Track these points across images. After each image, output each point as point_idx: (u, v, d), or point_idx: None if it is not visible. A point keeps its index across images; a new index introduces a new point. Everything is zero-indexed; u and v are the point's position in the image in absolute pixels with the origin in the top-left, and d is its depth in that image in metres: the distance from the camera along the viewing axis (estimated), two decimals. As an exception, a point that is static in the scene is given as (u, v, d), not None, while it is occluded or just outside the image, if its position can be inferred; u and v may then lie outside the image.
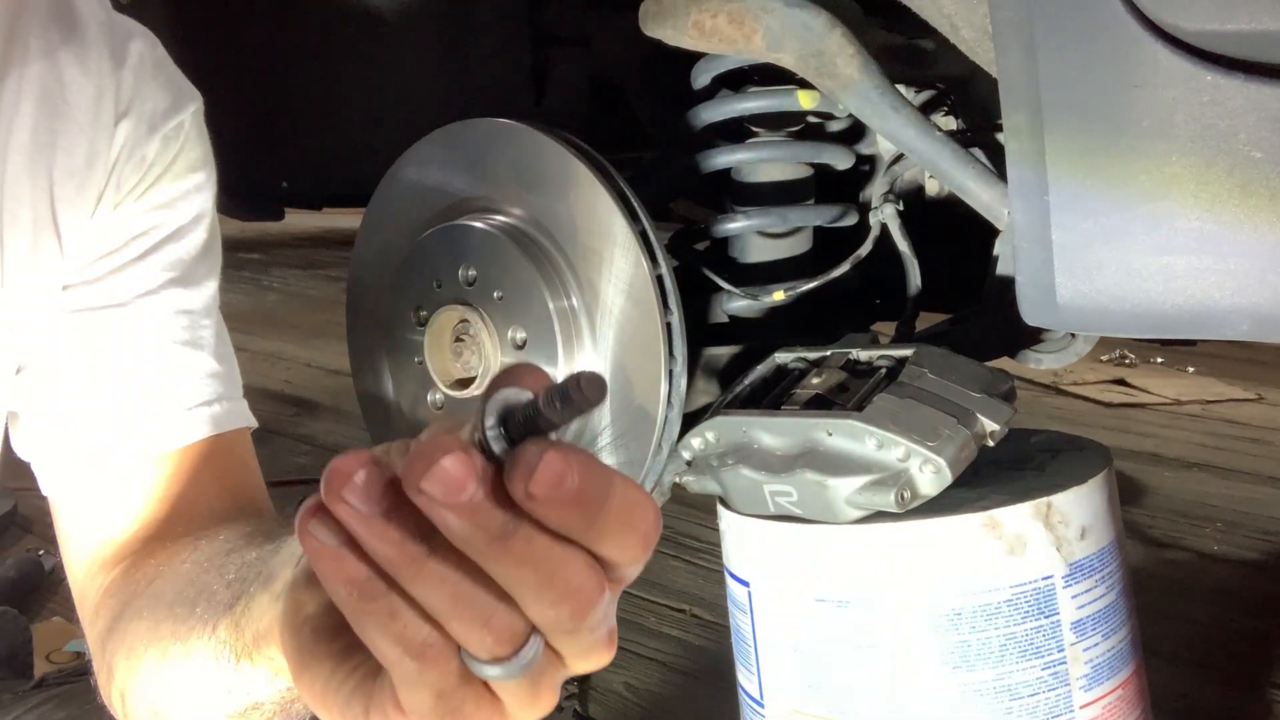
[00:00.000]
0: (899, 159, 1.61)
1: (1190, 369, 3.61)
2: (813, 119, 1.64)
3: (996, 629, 1.10)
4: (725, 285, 1.61)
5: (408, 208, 1.65)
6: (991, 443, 1.16)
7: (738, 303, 1.63)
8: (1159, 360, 3.67)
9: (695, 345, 1.59)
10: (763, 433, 1.20)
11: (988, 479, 1.17)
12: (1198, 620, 1.77)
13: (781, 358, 1.37)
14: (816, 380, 1.26)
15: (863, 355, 1.31)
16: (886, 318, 1.73)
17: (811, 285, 1.57)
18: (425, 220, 1.62)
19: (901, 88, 1.45)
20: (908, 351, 1.25)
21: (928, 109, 1.63)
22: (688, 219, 1.82)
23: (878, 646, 1.13)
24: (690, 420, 1.51)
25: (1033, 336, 1.53)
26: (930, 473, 1.10)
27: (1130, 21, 0.95)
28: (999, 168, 1.36)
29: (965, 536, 1.11)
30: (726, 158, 1.63)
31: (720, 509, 1.26)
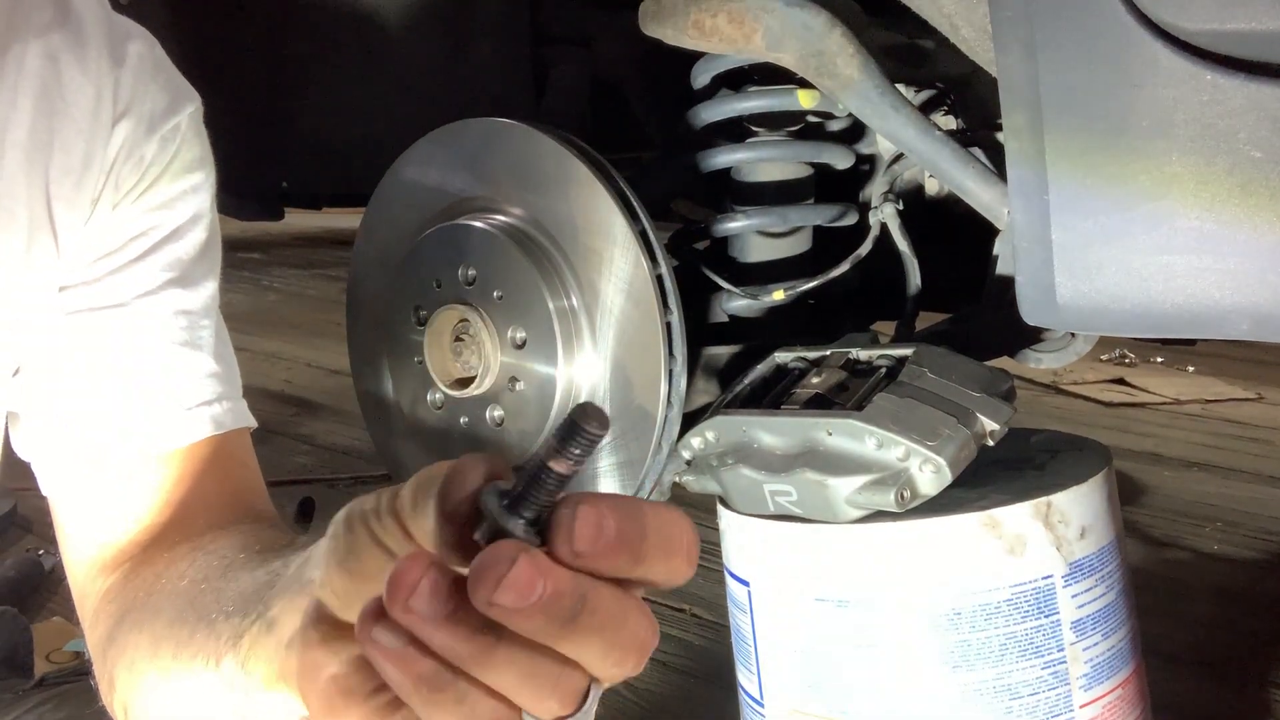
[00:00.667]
0: (899, 159, 1.61)
1: (1190, 369, 3.61)
2: (812, 119, 1.64)
3: (996, 628, 1.10)
4: (725, 285, 1.61)
5: (408, 207, 1.65)
6: (991, 442, 1.16)
7: (738, 302, 1.63)
8: (1159, 360, 3.67)
9: (695, 345, 1.59)
10: (763, 432, 1.20)
11: (988, 479, 1.17)
12: (1198, 620, 1.77)
13: (781, 357, 1.37)
14: (816, 380, 1.26)
15: (863, 355, 1.31)
16: (886, 318, 1.72)
17: (811, 285, 1.57)
18: (425, 220, 1.62)
19: (901, 88, 1.45)
20: (908, 351, 1.25)
21: (928, 109, 1.63)
22: (688, 219, 1.82)
23: (878, 646, 1.13)
24: (690, 420, 1.51)
25: (1033, 336, 1.53)
26: (930, 472, 1.10)
27: (1130, 21, 0.95)
28: (999, 168, 1.36)
29: (965, 536, 1.11)
30: (726, 157, 1.63)
31: (720, 509, 1.26)
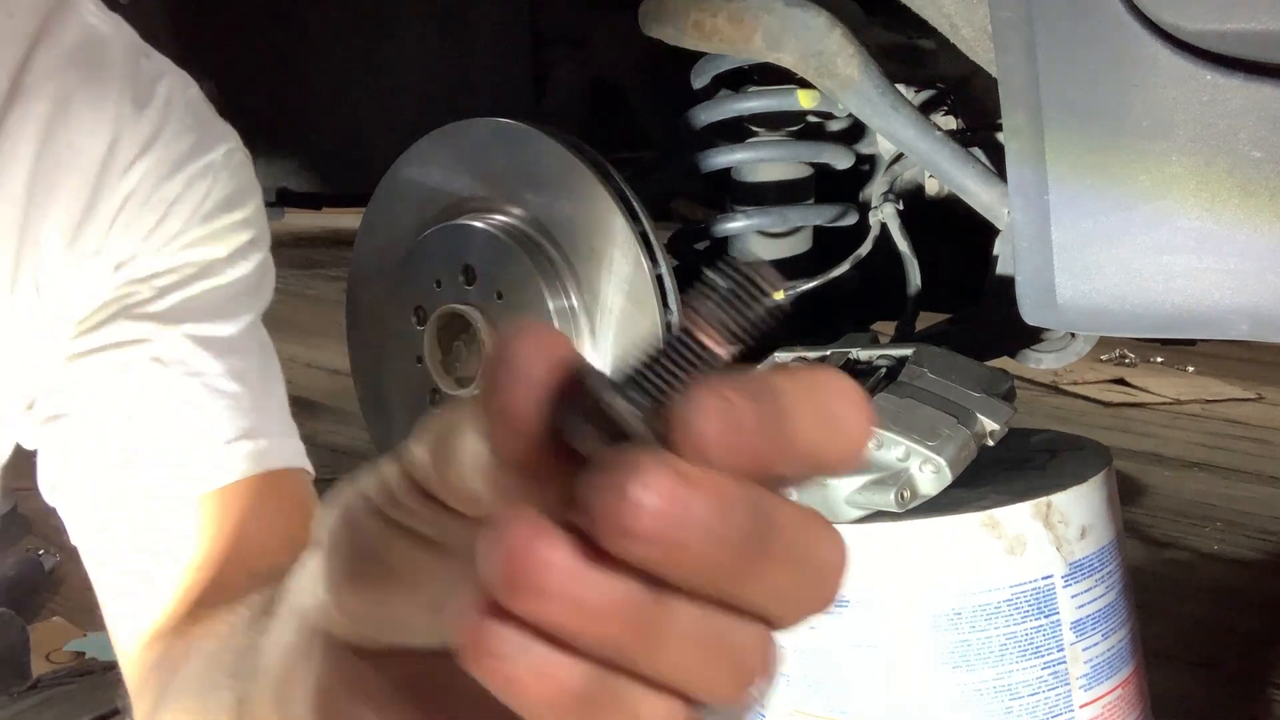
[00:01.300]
0: (899, 159, 1.62)
1: (1190, 369, 3.61)
2: (812, 119, 1.64)
3: (996, 628, 1.10)
4: (725, 285, 1.61)
5: (408, 207, 1.65)
6: (991, 442, 1.16)
7: (738, 302, 1.63)
8: (1159, 360, 3.67)
9: (695, 345, 1.58)
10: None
11: (988, 479, 1.17)
12: (1198, 620, 1.77)
13: (781, 357, 1.36)
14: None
15: (863, 355, 1.31)
16: (886, 318, 1.73)
17: (811, 285, 1.57)
18: (425, 220, 1.62)
19: (901, 88, 1.46)
20: (908, 351, 1.25)
21: (928, 109, 1.63)
22: (688, 219, 1.82)
23: (878, 646, 1.13)
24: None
25: (1033, 336, 1.53)
26: (930, 472, 1.10)
27: (1130, 21, 0.95)
28: (999, 168, 1.36)
29: (965, 536, 1.11)
30: (726, 158, 1.63)
31: (720, 509, 1.26)
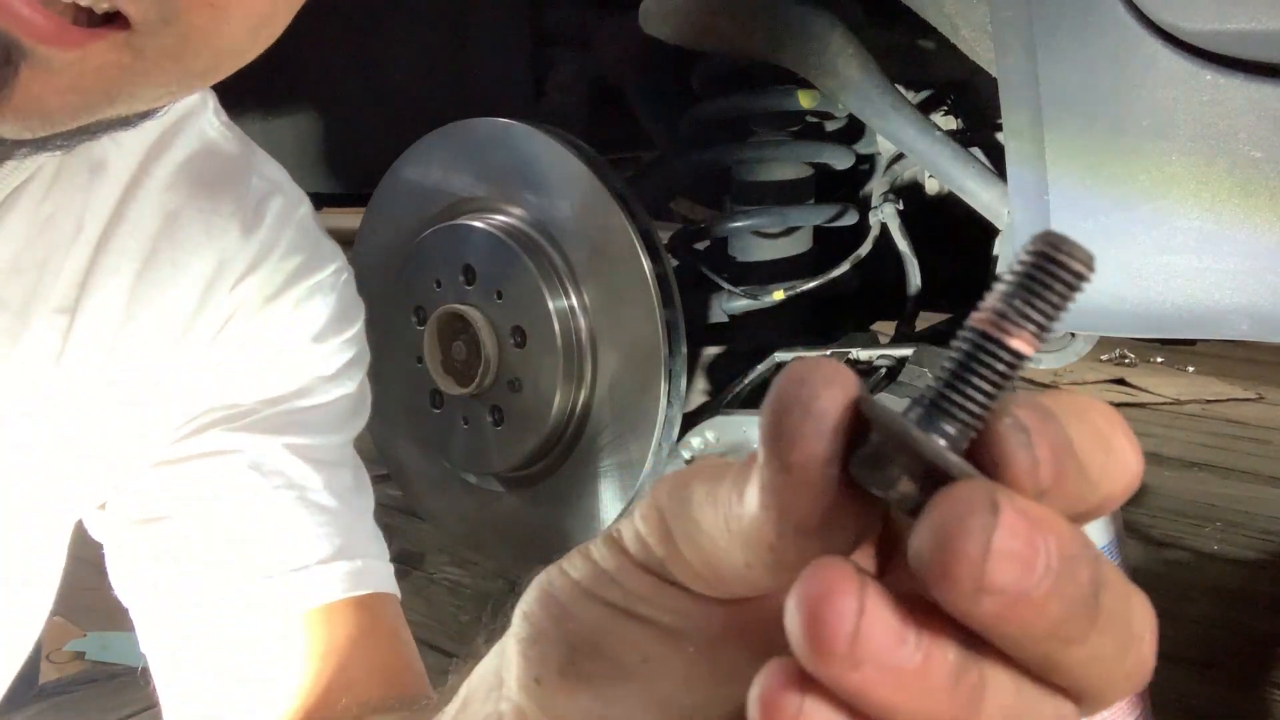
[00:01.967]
0: (899, 159, 1.62)
1: (1190, 369, 3.61)
2: (812, 119, 1.64)
3: (996, 629, 1.10)
4: (725, 285, 1.61)
5: (408, 207, 1.65)
6: (991, 442, 1.16)
7: (737, 302, 1.63)
8: (1159, 360, 3.67)
9: (695, 345, 1.59)
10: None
11: (987, 479, 1.17)
12: (1198, 620, 1.77)
13: (781, 357, 1.37)
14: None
15: (863, 355, 1.31)
16: (886, 318, 1.73)
17: (811, 285, 1.57)
18: (425, 220, 1.62)
19: (901, 88, 1.46)
20: (907, 351, 1.25)
21: (928, 109, 1.63)
22: (688, 219, 1.82)
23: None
24: (690, 420, 1.51)
25: (1033, 336, 1.53)
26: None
27: (1130, 21, 0.95)
28: (999, 168, 1.36)
29: (965, 536, 1.11)
30: (726, 157, 1.63)
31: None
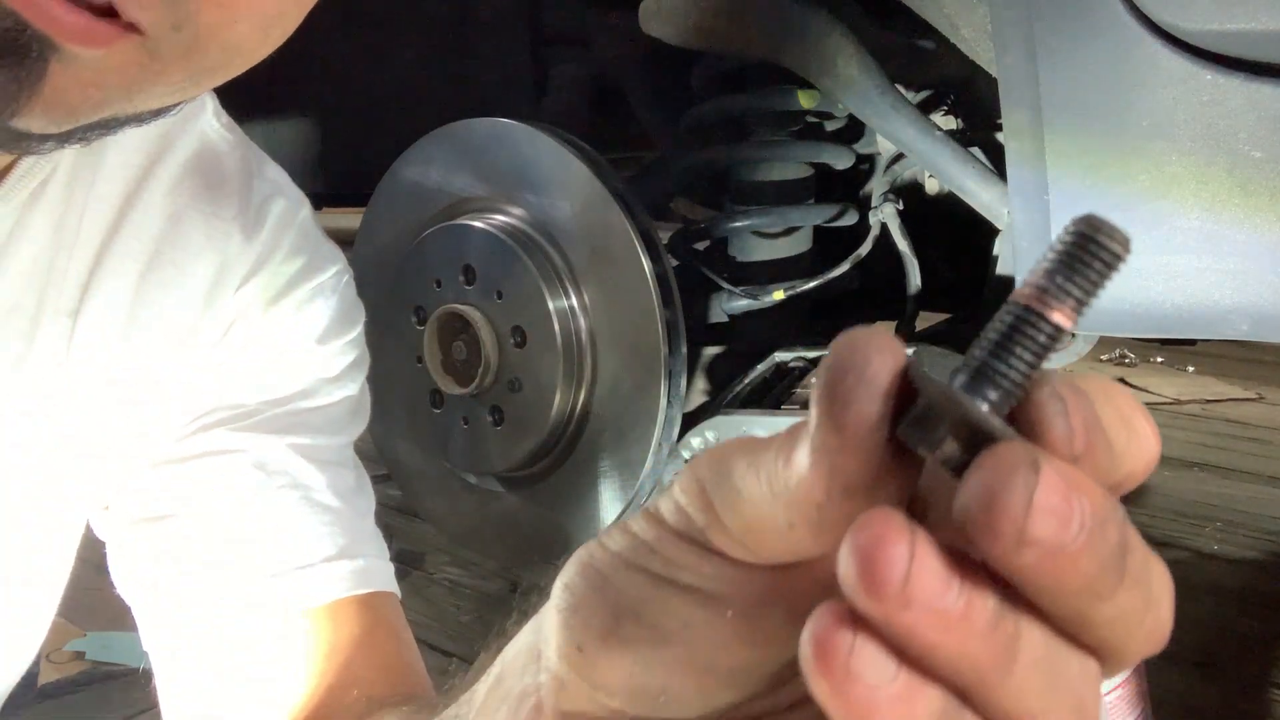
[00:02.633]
0: (899, 158, 1.62)
1: (1190, 369, 3.61)
2: (812, 119, 1.64)
3: (996, 629, 1.10)
4: (725, 285, 1.61)
5: (408, 207, 1.65)
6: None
7: (737, 302, 1.63)
8: (1159, 360, 3.66)
9: (695, 345, 1.59)
10: (763, 432, 1.20)
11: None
12: (1198, 620, 1.77)
13: (781, 357, 1.37)
14: (816, 379, 1.26)
15: (863, 355, 1.31)
16: (886, 318, 1.73)
17: (811, 285, 1.57)
18: (425, 220, 1.62)
19: (901, 88, 1.46)
20: (908, 351, 1.25)
21: (928, 109, 1.63)
22: (688, 219, 1.82)
23: (877, 646, 1.13)
24: (690, 420, 1.51)
25: (1032, 336, 1.53)
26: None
27: (1130, 21, 0.95)
28: (999, 168, 1.36)
29: (965, 536, 1.11)
30: (726, 157, 1.63)
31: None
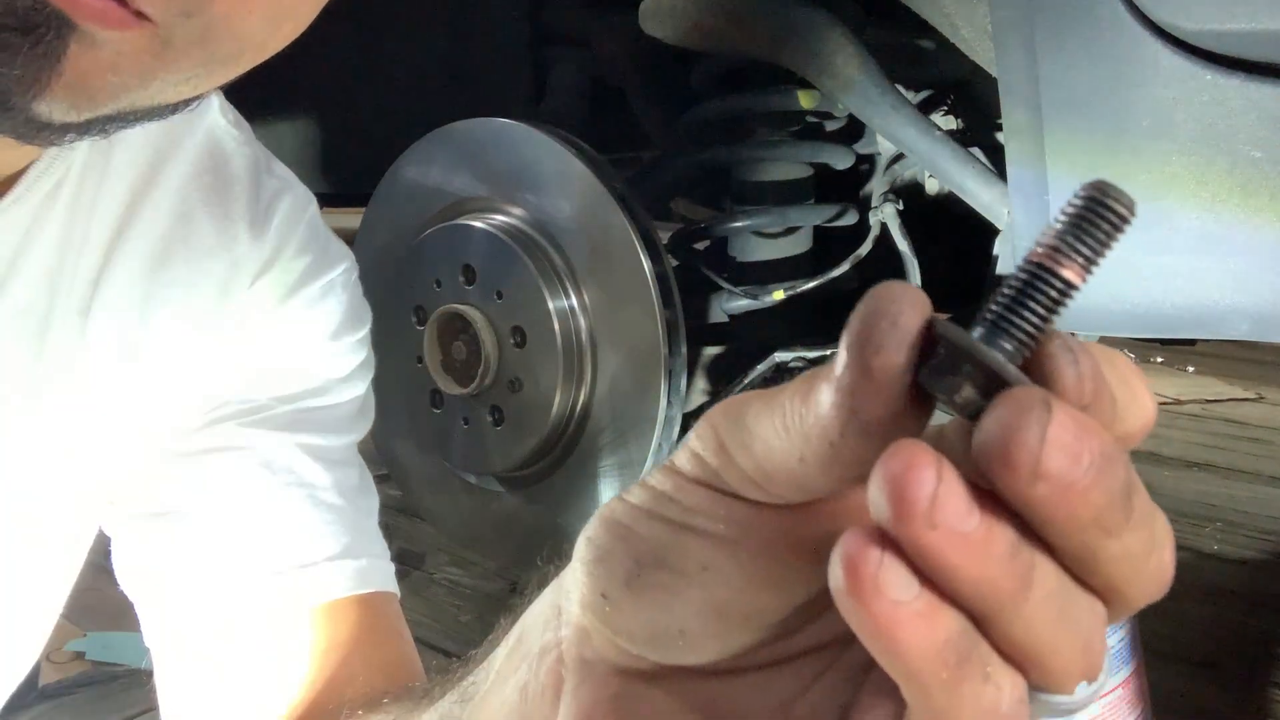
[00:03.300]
0: (899, 158, 1.62)
1: (1190, 369, 3.61)
2: (812, 119, 1.64)
3: (996, 629, 1.10)
4: (725, 285, 1.61)
5: (408, 207, 1.65)
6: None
7: (737, 302, 1.63)
8: (1159, 360, 3.66)
9: (694, 344, 1.59)
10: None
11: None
12: (1198, 620, 1.77)
13: (781, 357, 1.37)
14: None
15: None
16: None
17: (811, 285, 1.57)
18: (425, 220, 1.62)
19: (901, 88, 1.46)
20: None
21: (928, 109, 1.63)
22: (688, 219, 1.82)
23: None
24: (690, 420, 1.51)
25: (1032, 336, 1.53)
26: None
27: (1130, 21, 0.95)
28: (999, 168, 1.36)
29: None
30: (726, 157, 1.63)
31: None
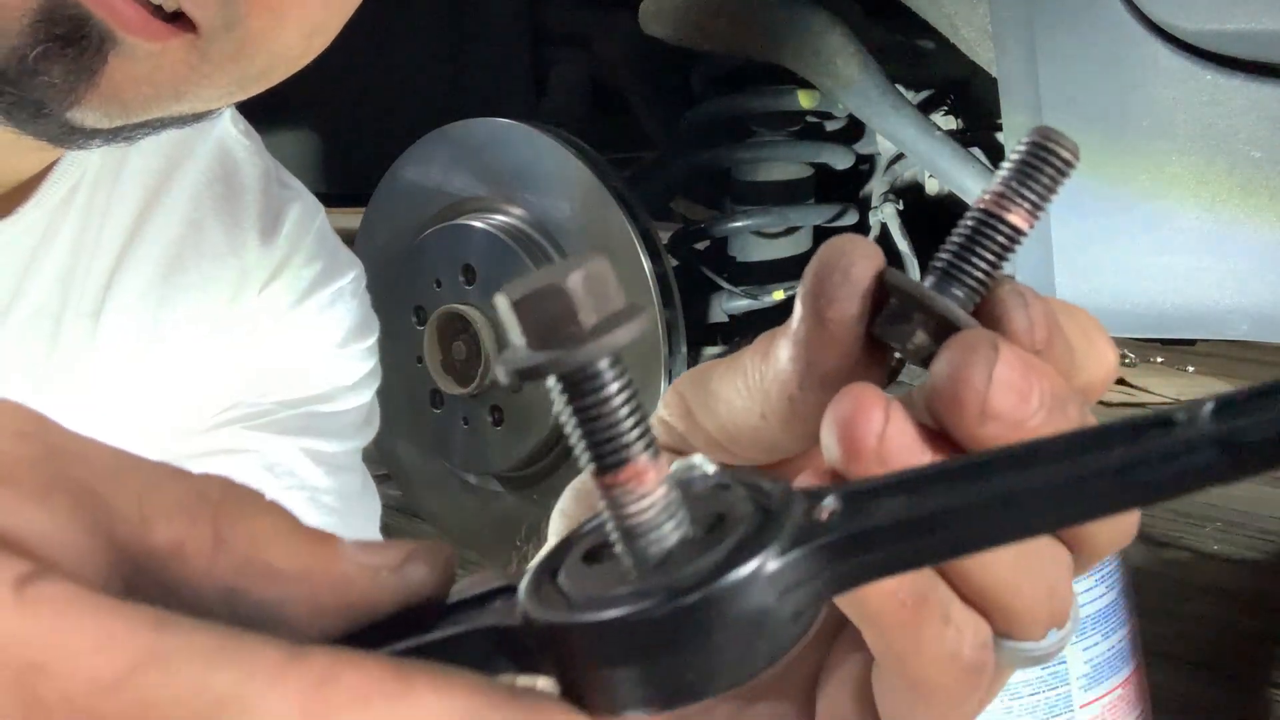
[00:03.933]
0: (899, 158, 1.62)
1: (1190, 369, 3.61)
2: (812, 119, 1.64)
3: (996, 628, 1.10)
4: (725, 285, 1.61)
5: (408, 207, 1.65)
6: (991, 442, 1.16)
7: (737, 302, 1.63)
8: (1159, 360, 3.66)
9: (695, 345, 1.59)
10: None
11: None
12: (1198, 620, 1.76)
13: (781, 357, 1.36)
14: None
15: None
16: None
17: (811, 285, 1.57)
18: (425, 220, 1.62)
19: (901, 88, 1.46)
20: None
21: (928, 109, 1.63)
22: (688, 219, 1.82)
23: (877, 646, 1.13)
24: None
25: (1033, 336, 1.53)
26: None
27: (1130, 21, 0.95)
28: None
29: (965, 536, 1.11)
30: (726, 157, 1.63)
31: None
